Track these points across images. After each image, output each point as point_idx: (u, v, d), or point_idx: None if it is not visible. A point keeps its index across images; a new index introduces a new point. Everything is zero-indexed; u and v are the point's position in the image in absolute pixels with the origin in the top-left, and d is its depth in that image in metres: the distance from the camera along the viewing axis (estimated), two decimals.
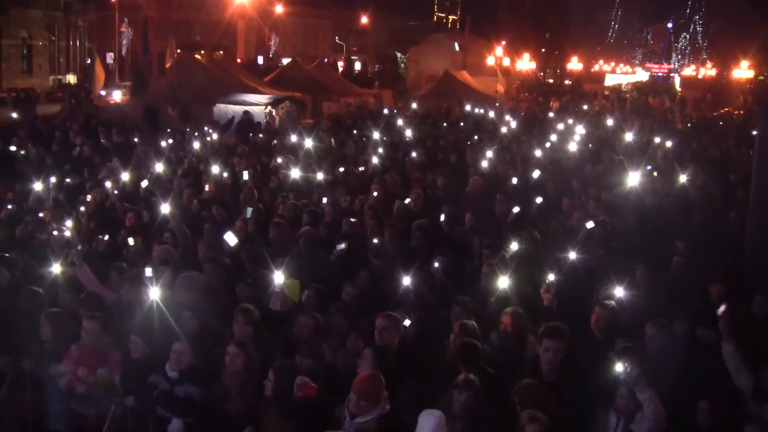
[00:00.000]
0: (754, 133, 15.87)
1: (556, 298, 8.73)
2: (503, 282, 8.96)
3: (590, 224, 11.69)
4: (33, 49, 71.28)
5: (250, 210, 12.17)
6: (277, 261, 9.48)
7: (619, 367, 6.55)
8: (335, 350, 8.07)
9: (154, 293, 8.24)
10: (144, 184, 15.03)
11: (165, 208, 12.03)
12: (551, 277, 8.97)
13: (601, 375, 6.94)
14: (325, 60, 61.07)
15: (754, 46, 74.33)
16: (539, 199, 13.65)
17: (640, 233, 12.04)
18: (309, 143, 19.08)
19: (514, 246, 10.48)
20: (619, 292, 8.82)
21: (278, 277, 8.81)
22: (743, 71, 73.78)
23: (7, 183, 15.85)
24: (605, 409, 6.84)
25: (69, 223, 11.95)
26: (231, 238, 10.77)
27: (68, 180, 15.96)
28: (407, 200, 13.60)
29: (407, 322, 8.13)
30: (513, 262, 9.89)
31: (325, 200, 13.78)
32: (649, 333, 7.78)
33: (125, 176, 15.54)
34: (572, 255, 9.95)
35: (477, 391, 6.66)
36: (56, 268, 9.50)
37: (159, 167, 16.08)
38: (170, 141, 21.17)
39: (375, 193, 14.34)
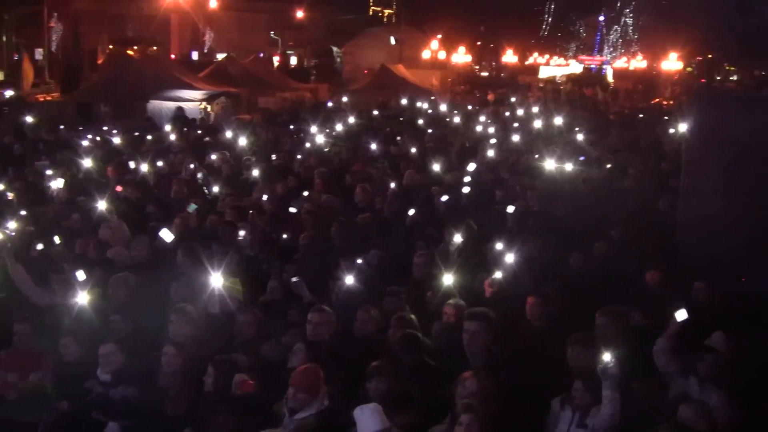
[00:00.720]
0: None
1: (498, 290, 8.79)
2: (446, 275, 8.99)
3: (511, 208, 11.84)
4: None
5: (193, 206, 12.02)
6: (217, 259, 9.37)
7: (603, 359, 6.45)
8: (276, 348, 8.02)
9: (84, 296, 8.08)
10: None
11: (101, 206, 11.82)
12: (498, 273, 9.00)
13: (545, 365, 6.97)
14: (261, 55, 60.63)
15: (682, 38, 75.79)
16: (467, 189, 13.75)
17: (575, 221, 12.21)
18: (244, 139, 18.94)
19: (455, 238, 10.52)
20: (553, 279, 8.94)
21: (216, 280, 8.68)
22: (672, 63, 75.06)
23: None
24: (560, 402, 6.82)
25: None
26: (167, 235, 10.60)
27: None
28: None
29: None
30: (455, 254, 9.94)
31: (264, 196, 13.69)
32: (600, 322, 7.78)
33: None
34: (510, 246, 10.04)
35: (390, 375, 6.61)
36: None
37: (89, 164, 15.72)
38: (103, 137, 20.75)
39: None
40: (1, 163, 17.08)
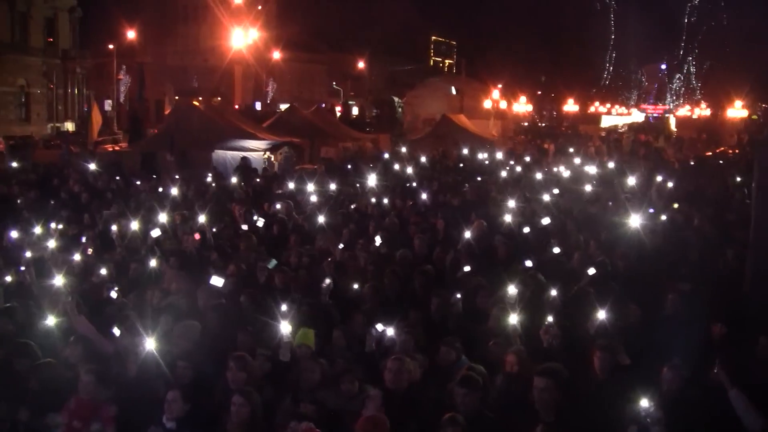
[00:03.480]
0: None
1: (556, 339, 8.71)
2: (511, 322, 8.95)
3: (592, 270, 11.67)
4: (31, 97, 71.65)
5: (273, 261, 12.15)
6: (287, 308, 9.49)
7: (641, 406, 6.42)
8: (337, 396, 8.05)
9: (150, 343, 8.22)
10: (154, 233, 14.84)
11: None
12: (550, 318, 8.95)
13: (607, 415, 6.88)
14: (323, 105, 61.48)
15: (747, 86, 74.98)
16: (556, 249, 13.59)
17: (638, 273, 12.05)
18: (309, 188, 19.14)
19: (514, 288, 10.47)
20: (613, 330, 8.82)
21: (285, 328, 8.76)
22: (737, 110, 74.24)
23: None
24: None
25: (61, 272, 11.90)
26: (217, 281, 10.71)
27: (66, 226, 15.88)
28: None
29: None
30: (519, 304, 9.90)
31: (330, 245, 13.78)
32: (667, 376, 7.71)
33: (134, 225, 15.39)
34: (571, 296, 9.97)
35: (462, 427, 6.58)
36: (51, 320, 9.42)
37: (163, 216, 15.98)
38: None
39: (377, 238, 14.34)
40: (70, 211, 17.48)
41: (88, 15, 78.33)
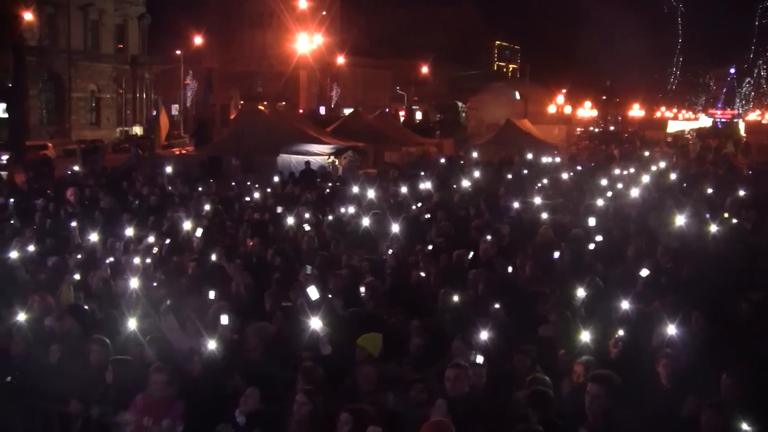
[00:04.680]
0: None
1: (624, 351, 8.61)
2: (583, 333, 8.89)
3: (645, 272, 11.53)
4: (101, 102, 73.50)
5: (309, 267, 12.23)
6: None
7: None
8: (398, 400, 8.07)
9: (212, 342, 8.39)
10: (198, 233, 15.20)
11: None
12: (621, 332, 8.83)
13: (671, 426, 6.80)
14: (386, 110, 61.62)
15: None
16: (592, 245, 13.56)
17: (706, 280, 11.84)
18: (372, 193, 19.21)
19: (580, 294, 10.39)
20: (679, 340, 8.68)
21: (315, 323, 8.87)
22: None
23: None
24: None
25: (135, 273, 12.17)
26: (313, 292, 10.76)
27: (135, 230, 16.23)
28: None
29: (480, 359, 8.10)
30: (583, 312, 9.81)
31: (390, 250, 13.79)
32: (726, 383, 7.55)
33: (187, 225, 15.77)
34: (635, 306, 9.84)
35: None
36: (132, 322, 9.65)
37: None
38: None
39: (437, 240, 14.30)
40: (140, 214, 17.84)
41: (157, 22, 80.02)
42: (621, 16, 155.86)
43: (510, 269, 12.60)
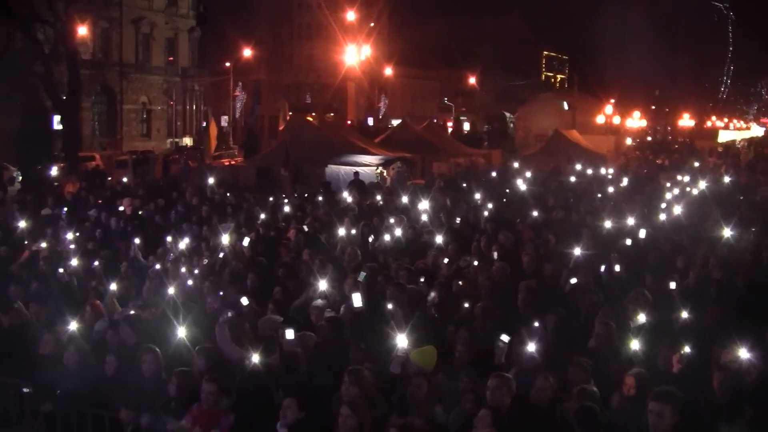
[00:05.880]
0: None
1: (686, 367, 8.46)
2: (633, 344, 8.77)
3: (673, 285, 11.41)
4: (152, 114, 74.50)
5: (363, 273, 12.17)
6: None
7: None
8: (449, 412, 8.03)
9: (256, 356, 8.42)
10: (246, 242, 15.29)
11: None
12: (687, 349, 8.67)
13: None
14: (434, 120, 61.60)
15: None
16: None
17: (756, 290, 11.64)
18: (423, 203, 19.19)
19: (631, 307, 10.26)
20: (742, 353, 8.49)
21: (401, 341, 8.81)
22: None
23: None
24: None
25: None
26: (357, 300, 10.74)
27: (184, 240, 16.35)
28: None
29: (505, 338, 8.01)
30: (637, 323, 9.69)
31: (445, 260, 13.75)
32: None
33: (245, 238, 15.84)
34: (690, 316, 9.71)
35: None
36: (182, 331, 9.72)
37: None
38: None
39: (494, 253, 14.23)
40: (189, 224, 18.00)
41: (206, 35, 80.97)
42: (670, 25, 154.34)
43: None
